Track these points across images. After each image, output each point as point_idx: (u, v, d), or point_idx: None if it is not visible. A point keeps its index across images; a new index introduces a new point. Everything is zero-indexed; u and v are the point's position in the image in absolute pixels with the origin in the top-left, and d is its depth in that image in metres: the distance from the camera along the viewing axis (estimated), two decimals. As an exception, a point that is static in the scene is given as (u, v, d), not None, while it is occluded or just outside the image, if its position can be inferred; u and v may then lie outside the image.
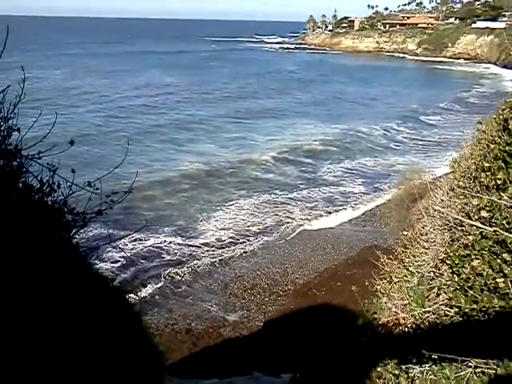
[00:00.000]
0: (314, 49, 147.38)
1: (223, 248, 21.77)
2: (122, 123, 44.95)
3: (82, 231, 2.89)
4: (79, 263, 2.97)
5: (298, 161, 35.68)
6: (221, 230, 23.64)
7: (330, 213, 26.15)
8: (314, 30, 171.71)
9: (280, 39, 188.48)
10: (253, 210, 26.14)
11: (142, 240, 21.44)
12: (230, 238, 22.79)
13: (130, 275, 18.37)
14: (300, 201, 27.85)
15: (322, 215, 25.81)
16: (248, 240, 22.59)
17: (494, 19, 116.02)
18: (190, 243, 21.95)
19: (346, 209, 26.65)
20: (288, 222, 24.61)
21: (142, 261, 19.89)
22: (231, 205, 26.91)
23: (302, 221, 24.85)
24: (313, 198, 28.32)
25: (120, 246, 20.03)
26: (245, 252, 21.42)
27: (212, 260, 20.55)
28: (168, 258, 20.55)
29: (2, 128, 2.58)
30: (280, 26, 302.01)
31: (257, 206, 26.89)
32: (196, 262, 20.27)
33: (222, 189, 29.34)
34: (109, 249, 18.84)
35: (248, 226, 24.08)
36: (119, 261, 19.03)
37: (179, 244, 21.75)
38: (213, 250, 21.46)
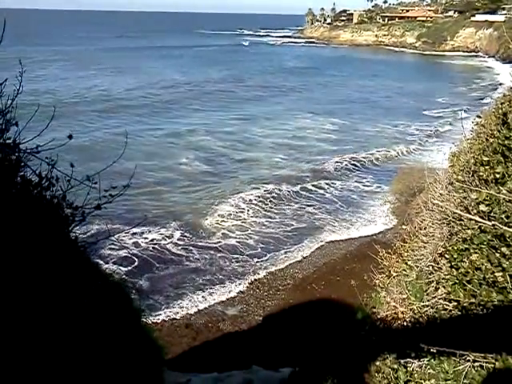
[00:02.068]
0: (316, 43, 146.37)
1: (223, 240, 21.74)
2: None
3: (81, 225, 2.89)
4: (78, 257, 2.96)
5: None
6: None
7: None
8: (312, 24, 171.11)
9: (288, 33, 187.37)
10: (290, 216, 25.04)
11: (141, 233, 21.43)
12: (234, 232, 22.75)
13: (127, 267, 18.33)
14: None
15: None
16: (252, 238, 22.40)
17: (493, 12, 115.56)
18: (193, 241, 21.87)
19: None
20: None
21: (143, 254, 19.87)
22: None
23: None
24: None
25: (127, 245, 19.99)
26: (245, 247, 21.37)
27: (212, 255, 20.52)
28: (170, 254, 20.50)
29: (0, 122, 2.57)
30: (280, 19, 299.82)
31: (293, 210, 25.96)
32: (197, 256, 20.23)
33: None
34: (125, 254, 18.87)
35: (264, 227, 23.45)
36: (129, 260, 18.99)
37: (179, 242, 21.60)
38: (213, 244, 21.44)
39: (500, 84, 65.29)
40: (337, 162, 34.09)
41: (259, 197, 26.75)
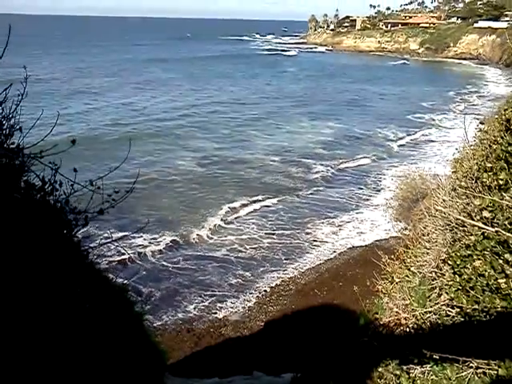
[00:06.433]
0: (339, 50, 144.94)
1: (223, 246, 21.72)
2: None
3: (83, 230, 2.89)
4: (80, 262, 2.97)
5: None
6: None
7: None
8: (315, 30, 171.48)
9: (291, 39, 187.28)
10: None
11: (142, 241, 21.42)
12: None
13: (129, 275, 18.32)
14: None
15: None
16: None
17: (496, 19, 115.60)
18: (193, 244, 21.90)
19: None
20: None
21: (144, 261, 19.87)
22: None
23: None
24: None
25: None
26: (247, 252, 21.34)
27: (212, 260, 20.51)
28: (173, 263, 20.47)
29: (5, 127, 2.59)
30: (280, 25, 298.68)
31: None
32: (199, 265, 20.21)
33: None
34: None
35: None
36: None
37: (182, 249, 21.63)
38: (212, 249, 21.43)
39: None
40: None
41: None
